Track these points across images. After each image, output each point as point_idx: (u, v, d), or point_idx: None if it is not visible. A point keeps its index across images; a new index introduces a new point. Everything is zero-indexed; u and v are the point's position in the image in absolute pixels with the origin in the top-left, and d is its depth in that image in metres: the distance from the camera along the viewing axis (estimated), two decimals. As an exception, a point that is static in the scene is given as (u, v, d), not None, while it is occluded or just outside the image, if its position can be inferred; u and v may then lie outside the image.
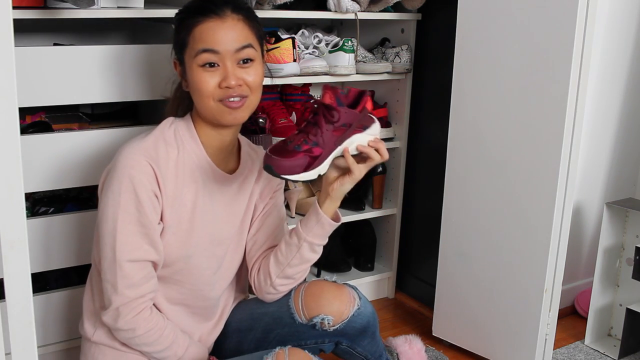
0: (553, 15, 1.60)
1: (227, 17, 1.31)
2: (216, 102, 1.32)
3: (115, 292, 1.29)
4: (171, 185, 1.33)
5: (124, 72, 1.60)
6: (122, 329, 1.31)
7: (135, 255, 1.29)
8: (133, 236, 1.29)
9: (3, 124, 0.86)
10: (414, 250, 2.36)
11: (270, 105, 2.10)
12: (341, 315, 1.45)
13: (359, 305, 1.47)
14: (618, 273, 2.09)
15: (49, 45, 1.77)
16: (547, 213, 1.68)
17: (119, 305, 1.29)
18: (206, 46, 1.30)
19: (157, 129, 1.36)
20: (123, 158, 1.30)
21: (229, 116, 1.34)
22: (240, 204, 1.48)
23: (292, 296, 1.47)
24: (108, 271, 1.30)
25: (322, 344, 1.48)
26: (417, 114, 2.23)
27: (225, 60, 1.31)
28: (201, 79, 1.31)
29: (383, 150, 1.38)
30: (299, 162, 1.28)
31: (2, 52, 0.84)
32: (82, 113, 1.97)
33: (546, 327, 1.77)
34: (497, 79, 1.75)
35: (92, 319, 1.41)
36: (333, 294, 1.45)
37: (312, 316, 1.44)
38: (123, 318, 1.30)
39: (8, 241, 0.89)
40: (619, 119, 2.24)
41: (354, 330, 1.48)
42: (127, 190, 1.27)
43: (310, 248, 1.42)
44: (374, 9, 2.03)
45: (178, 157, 1.35)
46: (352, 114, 1.31)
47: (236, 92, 1.32)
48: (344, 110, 1.30)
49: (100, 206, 1.31)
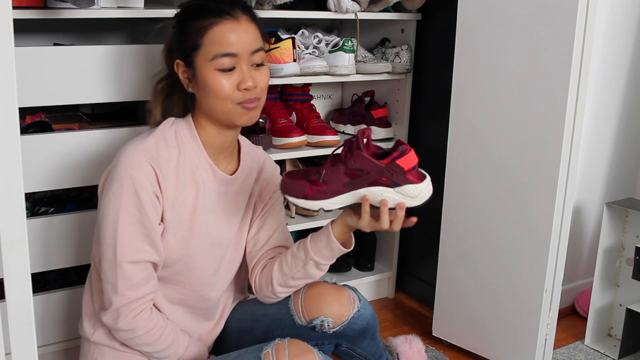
0: (553, 15, 1.60)
1: (240, 19, 1.31)
2: (234, 104, 1.32)
3: (116, 293, 1.29)
4: (172, 186, 1.33)
5: (124, 72, 1.60)
6: (122, 330, 1.31)
7: (136, 256, 1.29)
8: (134, 237, 1.28)
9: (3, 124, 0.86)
10: (414, 250, 2.36)
11: (270, 105, 2.10)
12: (341, 317, 1.44)
13: (359, 307, 1.47)
14: (618, 273, 2.09)
15: (49, 45, 1.77)
16: (547, 213, 1.68)
17: (119, 306, 1.29)
18: (225, 50, 1.29)
19: (158, 130, 1.36)
20: (124, 159, 1.29)
21: (245, 117, 1.34)
22: (240, 205, 1.47)
23: (292, 298, 1.47)
24: (108, 272, 1.29)
25: (322, 346, 1.48)
26: (417, 114, 2.23)
27: (242, 62, 1.30)
28: (218, 81, 1.30)
29: (396, 223, 1.28)
30: (299, 187, 1.28)
31: (2, 52, 0.84)
32: (82, 113, 1.97)
33: (546, 327, 1.77)
34: (497, 79, 1.75)
35: (91, 319, 1.41)
36: (333, 296, 1.45)
37: (312, 318, 1.44)
38: (123, 319, 1.29)
39: (8, 241, 0.89)
40: (619, 119, 2.24)
41: (354, 332, 1.47)
42: (128, 191, 1.27)
43: (316, 266, 1.40)
44: (374, 9, 2.03)
45: (179, 158, 1.35)
46: (370, 162, 1.23)
47: (253, 94, 1.32)
48: (361, 155, 1.23)
49: (101, 207, 1.31)
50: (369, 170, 1.24)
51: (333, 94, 2.44)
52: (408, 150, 1.23)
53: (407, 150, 1.23)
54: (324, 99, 2.42)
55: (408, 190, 1.24)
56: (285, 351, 1.27)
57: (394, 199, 1.25)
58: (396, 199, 1.25)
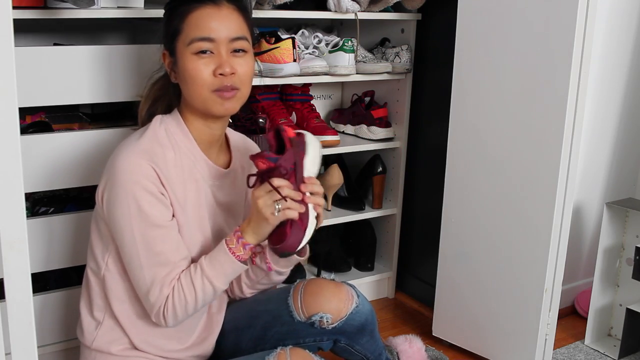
0: (553, 15, 1.60)
1: (222, 5, 1.31)
2: (210, 92, 1.31)
3: (154, 296, 1.29)
4: (175, 187, 1.33)
5: (124, 72, 1.60)
6: (181, 317, 1.32)
7: (161, 259, 1.29)
8: (156, 241, 1.28)
9: (3, 124, 0.86)
10: (414, 250, 2.36)
11: (270, 105, 2.10)
12: (339, 313, 1.45)
13: (357, 303, 1.47)
14: (618, 273, 2.09)
15: (49, 45, 1.77)
16: (547, 213, 1.68)
17: (161, 305, 1.30)
18: (202, 34, 1.29)
19: (150, 130, 1.34)
20: (122, 163, 1.27)
21: (221, 107, 1.32)
22: (239, 197, 1.49)
23: (291, 294, 1.48)
24: (141, 283, 1.30)
25: (321, 342, 1.49)
26: (417, 114, 2.23)
27: (220, 48, 1.30)
28: (195, 66, 1.29)
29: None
30: (294, 236, 1.29)
31: (2, 52, 0.84)
32: (82, 113, 1.97)
33: (546, 327, 1.77)
34: (497, 79, 1.75)
35: (91, 326, 1.40)
36: (332, 292, 1.46)
37: (311, 314, 1.44)
38: (174, 310, 1.30)
39: (8, 241, 0.89)
40: (619, 119, 2.24)
41: (353, 328, 1.48)
42: (135, 197, 1.26)
43: (278, 274, 1.48)
44: (374, 9, 2.03)
45: (175, 159, 1.34)
46: (288, 155, 1.30)
47: (229, 81, 1.30)
48: (283, 159, 1.29)
49: (112, 221, 1.29)
50: (294, 159, 1.32)
51: (333, 94, 2.44)
52: (280, 127, 1.34)
53: (279, 127, 1.34)
54: (324, 99, 2.42)
55: (310, 146, 1.35)
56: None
57: (310, 166, 1.36)
58: (310, 167, 1.36)
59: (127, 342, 1.39)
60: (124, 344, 1.39)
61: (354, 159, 2.35)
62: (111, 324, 1.39)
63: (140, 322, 1.38)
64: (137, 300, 1.36)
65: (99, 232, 1.37)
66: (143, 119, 1.44)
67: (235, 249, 1.31)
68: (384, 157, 2.27)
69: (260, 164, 1.28)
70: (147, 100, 1.45)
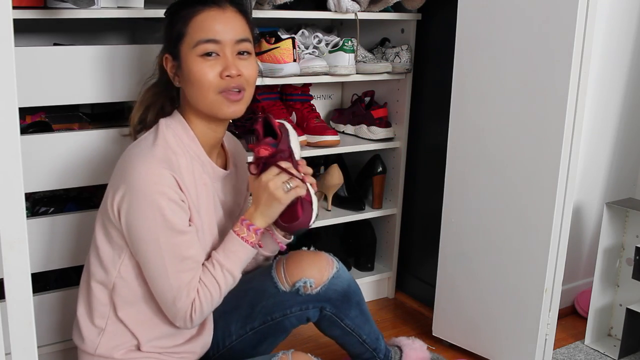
0: (553, 15, 1.60)
1: (226, 8, 1.32)
2: (216, 94, 1.31)
3: (179, 302, 1.31)
4: (191, 192, 1.33)
5: (124, 73, 1.60)
6: (206, 314, 1.35)
7: (188, 264, 1.30)
8: (180, 248, 1.29)
9: (3, 124, 0.86)
10: (414, 250, 2.36)
11: (270, 105, 2.10)
12: (322, 277, 1.51)
13: (338, 268, 1.55)
14: (618, 273, 2.09)
15: (49, 45, 1.77)
16: (547, 213, 1.68)
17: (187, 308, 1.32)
18: (207, 36, 1.29)
19: (160, 137, 1.33)
20: (143, 174, 1.26)
21: (228, 109, 1.33)
22: (239, 197, 1.51)
23: (274, 266, 1.52)
24: (166, 290, 1.31)
25: (307, 310, 1.52)
26: (417, 114, 2.23)
27: (225, 50, 1.30)
28: (201, 69, 1.29)
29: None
30: (306, 212, 1.40)
31: (2, 52, 0.84)
32: (82, 113, 1.97)
33: (546, 327, 1.77)
34: (497, 78, 1.75)
35: (92, 334, 1.39)
36: (312, 259, 1.53)
37: (294, 281, 1.49)
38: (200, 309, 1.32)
39: (8, 241, 0.89)
40: (619, 119, 2.24)
41: (336, 293, 1.53)
42: (160, 207, 1.26)
43: (265, 259, 1.57)
44: (374, 9, 2.03)
45: (187, 165, 1.34)
46: (284, 140, 1.41)
47: (235, 82, 1.31)
48: (281, 144, 1.40)
49: (133, 230, 1.28)
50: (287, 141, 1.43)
51: (333, 94, 2.44)
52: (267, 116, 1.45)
53: (266, 116, 1.45)
54: (324, 99, 2.42)
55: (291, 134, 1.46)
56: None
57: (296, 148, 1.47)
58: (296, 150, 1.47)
59: (130, 345, 1.39)
60: (127, 348, 1.39)
61: (354, 159, 2.35)
62: (115, 330, 1.38)
63: (148, 323, 1.39)
64: (147, 302, 1.37)
65: (109, 240, 1.35)
66: (134, 124, 1.43)
67: (247, 236, 1.36)
68: (384, 157, 2.27)
69: (263, 150, 1.38)
70: (140, 106, 1.44)
